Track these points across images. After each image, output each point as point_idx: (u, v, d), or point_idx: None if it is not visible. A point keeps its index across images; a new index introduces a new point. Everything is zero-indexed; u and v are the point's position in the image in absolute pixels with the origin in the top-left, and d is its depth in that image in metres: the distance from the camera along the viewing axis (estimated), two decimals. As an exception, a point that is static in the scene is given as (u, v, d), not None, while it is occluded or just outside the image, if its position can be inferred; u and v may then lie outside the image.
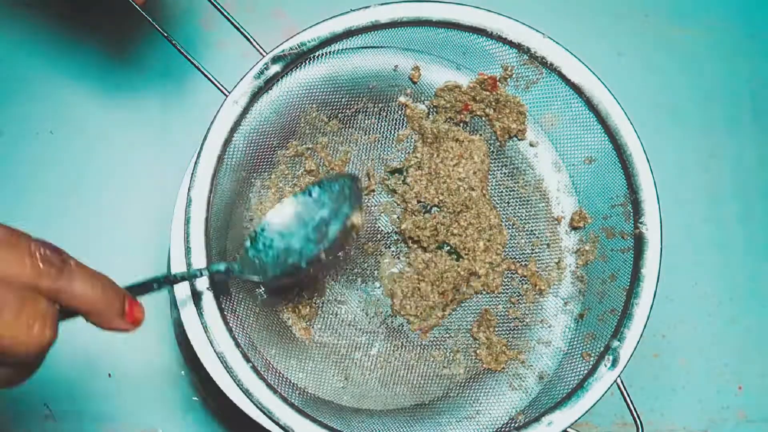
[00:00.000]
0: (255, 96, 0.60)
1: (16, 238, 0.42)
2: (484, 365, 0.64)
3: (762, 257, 0.82)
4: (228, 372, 0.56)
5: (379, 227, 0.69)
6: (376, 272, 0.68)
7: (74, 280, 0.44)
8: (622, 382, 0.61)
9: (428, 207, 0.67)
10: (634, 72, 0.84)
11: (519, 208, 0.67)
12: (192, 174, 0.58)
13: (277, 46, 0.60)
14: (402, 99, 0.67)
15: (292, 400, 0.57)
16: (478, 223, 0.66)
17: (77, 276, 0.44)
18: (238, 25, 0.67)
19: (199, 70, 0.66)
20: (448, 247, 0.66)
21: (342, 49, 0.63)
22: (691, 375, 0.79)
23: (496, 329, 0.65)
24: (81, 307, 0.45)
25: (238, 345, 0.56)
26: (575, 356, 0.61)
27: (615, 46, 0.84)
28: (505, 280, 0.66)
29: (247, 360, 0.56)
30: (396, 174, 0.68)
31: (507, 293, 0.66)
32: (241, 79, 0.60)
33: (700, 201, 0.83)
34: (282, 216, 0.57)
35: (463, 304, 0.67)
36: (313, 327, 0.66)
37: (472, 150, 0.66)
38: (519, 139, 0.66)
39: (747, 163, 0.84)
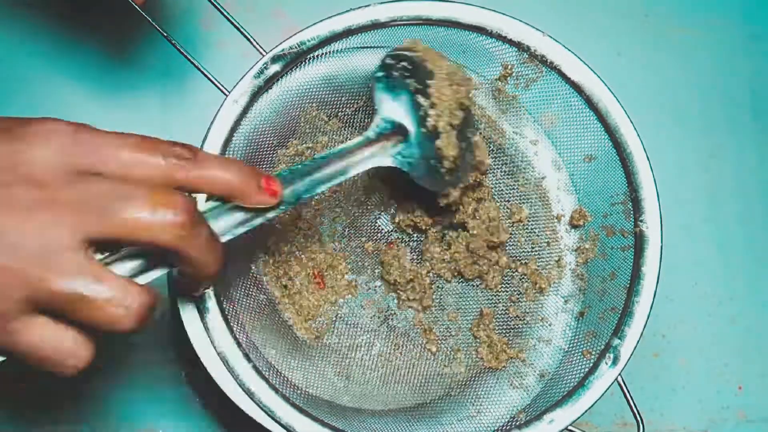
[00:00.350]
0: (255, 95, 0.60)
1: (148, 142, 0.45)
2: (485, 364, 0.64)
3: (762, 257, 0.82)
4: (229, 372, 0.56)
5: (379, 226, 0.69)
6: (377, 271, 0.68)
7: (208, 167, 0.46)
8: (622, 380, 0.61)
9: None
10: (634, 72, 0.84)
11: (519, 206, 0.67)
12: (192, 173, 0.58)
13: (277, 46, 0.60)
14: None
15: (294, 400, 0.56)
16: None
17: (210, 163, 0.46)
18: (238, 25, 0.67)
19: (199, 70, 0.66)
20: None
21: (342, 48, 0.63)
22: (691, 375, 0.79)
23: (497, 328, 0.65)
24: (220, 191, 0.47)
25: (239, 345, 0.56)
26: (576, 354, 0.61)
27: (615, 45, 0.84)
28: (505, 278, 0.66)
29: (248, 360, 0.56)
30: None
31: (507, 292, 0.66)
32: (241, 79, 0.60)
33: (700, 201, 0.83)
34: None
35: (463, 304, 0.67)
36: (314, 327, 0.66)
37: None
38: (520, 137, 0.67)
39: (747, 163, 0.84)
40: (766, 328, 0.81)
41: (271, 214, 0.51)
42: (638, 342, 0.58)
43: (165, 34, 0.66)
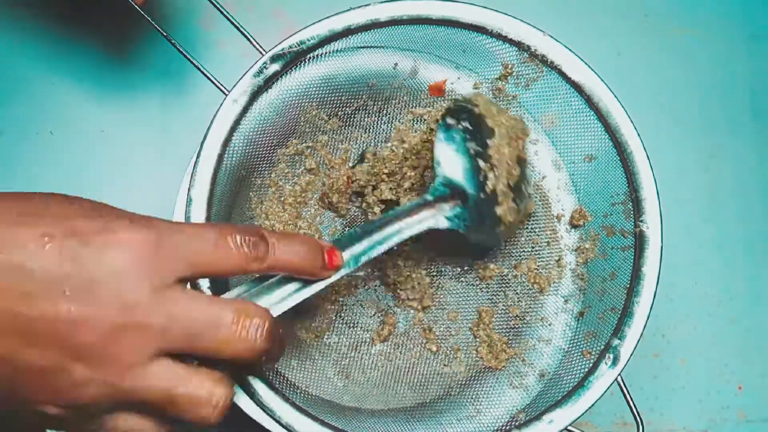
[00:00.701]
0: (254, 95, 0.60)
1: (223, 238, 0.46)
2: (485, 363, 0.64)
3: (762, 257, 0.82)
4: (229, 371, 0.55)
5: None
6: (376, 271, 0.68)
7: (278, 254, 0.48)
8: (622, 380, 0.61)
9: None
10: (634, 72, 0.84)
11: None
12: (192, 174, 0.58)
13: (277, 45, 0.60)
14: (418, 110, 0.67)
15: (293, 400, 0.56)
16: None
17: (280, 249, 0.48)
18: (237, 25, 0.67)
19: (199, 69, 0.66)
20: None
21: (341, 48, 0.63)
22: (691, 375, 0.79)
23: (497, 327, 0.65)
24: (288, 271, 0.50)
25: (238, 344, 0.56)
26: (576, 354, 0.61)
27: (615, 45, 0.84)
28: (505, 277, 0.66)
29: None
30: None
31: (507, 291, 0.66)
32: (241, 78, 0.59)
33: (700, 201, 0.82)
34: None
35: (463, 304, 0.67)
36: (314, 326, 0.66)
37: None
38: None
39: (747, 163, 0.84)
40: (766, 328, 0.81)
41: (325, 284, 0.52)
42: (638, 342, 0.58)
43: (165, 34, 0.66)
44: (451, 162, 0.59)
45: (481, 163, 0.59)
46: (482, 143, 0.60)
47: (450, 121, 0.60)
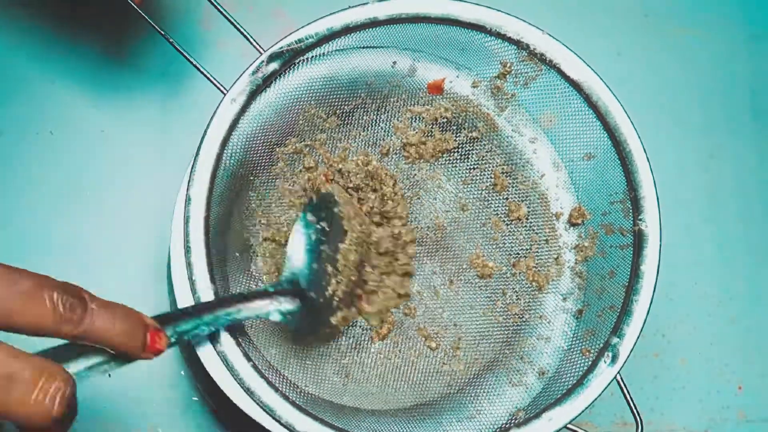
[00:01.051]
0: (253, 94, 0.59)
1: (38, 290, 0.42)
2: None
3: (762, 257, 0.82)
4: (229, 371, 0.55)
5: (378, 226, 0.69)
6: (375, 271, 0.68)
7: (96, 323, 0.44)
8: (622, 379, 0.61)
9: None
10: (634, 72, 0.84)
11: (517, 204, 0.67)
12: (191, 173, 0.58)
13: (275, 44, 0.60)
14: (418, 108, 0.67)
15: (294, 399, 0.56)
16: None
17: (98, 315, 0.44)
18: (237, 25, 0.67)
19: (199, 69, 0.66)
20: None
21: (340, 46, 0.63)
22: (691, 375, 0.79)
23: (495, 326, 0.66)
24: (102, 344, 0.45)
25: (239, 344, 0.56)
26: (575, 353, 0.61)
27: (615, 45, 0.84)
28: (503, 275, 0.66)
29: (248, 359, 0.56)
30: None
31: (506, 288, 0.66)
32: (239, 77, 0.59)
33: (700, 201, 0.83)
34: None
35: (462, 302, 0.67)
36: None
37: None
38: (519, 135, 0.67)
39: (747, 163, 0.84)
40: (766, 328, 0.81)
41: (134, 361, 0.48)
42: (637, 341, 0.58)
43: (163, 34, 0.66)
44: (300, 261, 0.62)
45: (329, 268, 0.62)
46: (334, 247, 0.62)
47: (310, 217, 0.62)
